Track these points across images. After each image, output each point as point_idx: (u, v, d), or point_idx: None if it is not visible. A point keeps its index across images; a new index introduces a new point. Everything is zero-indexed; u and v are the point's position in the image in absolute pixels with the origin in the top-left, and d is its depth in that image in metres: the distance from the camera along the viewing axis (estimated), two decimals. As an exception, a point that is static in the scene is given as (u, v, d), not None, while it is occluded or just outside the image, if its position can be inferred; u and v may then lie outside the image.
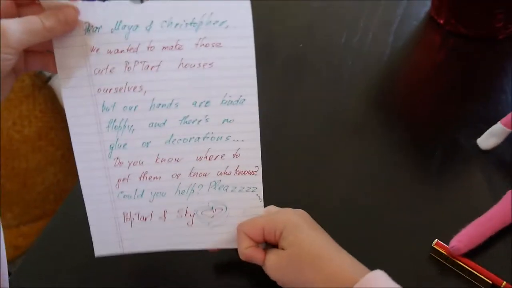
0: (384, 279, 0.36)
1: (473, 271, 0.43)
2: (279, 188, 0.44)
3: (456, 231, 0.45)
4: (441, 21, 0.70)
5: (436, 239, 0.45)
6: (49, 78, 0.92)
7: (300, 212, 0.43)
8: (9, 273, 0.41)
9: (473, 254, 0.44)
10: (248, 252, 0.41)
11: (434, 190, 0.52)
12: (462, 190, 0.52)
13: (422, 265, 0.45)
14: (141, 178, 0.41)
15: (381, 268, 0.36)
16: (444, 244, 0.45)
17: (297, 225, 0.40)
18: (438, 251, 0.45)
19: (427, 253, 0.46)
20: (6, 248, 0.39)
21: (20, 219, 0.95)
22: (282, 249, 0.40)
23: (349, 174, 0.54)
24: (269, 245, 0.42)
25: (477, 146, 0.54)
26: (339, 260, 0.38)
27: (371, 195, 0.52)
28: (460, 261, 0.44)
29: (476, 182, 0.52)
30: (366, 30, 0.71)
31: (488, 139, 0.53)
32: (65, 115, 0.39)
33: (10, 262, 0.40)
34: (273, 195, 0.44)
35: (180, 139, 0.41)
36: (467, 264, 0.43)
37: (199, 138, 0.41)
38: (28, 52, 0.38)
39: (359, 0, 0.76)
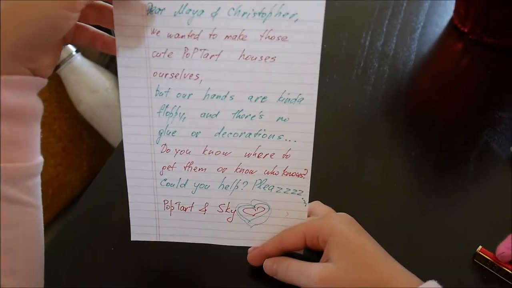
0: None
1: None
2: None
3: (494, 237, 0.44)
4: (465, 30, 0.71)
5: (480, 246, 0.44)
6: (58, 66, 0.87)
7: (345, 217, 0.41)
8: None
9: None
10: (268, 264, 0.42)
11: (471, 196, 0.51)
12: (500, 195, 0.51)
13: (464, 272, 0.44)
14: (186, 168, 0.40)
15: (423, 276, 0.36)
16: (488, 251, 0.44)
17: (343, 234, 0.39)
18: (483, 257, 0.44)
19: (470, 260, 0.45)
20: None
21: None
22: (328, 260, 0.38)
23: (381, 178, 0.53)
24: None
25: (510, 152, 0.54)
26: (390, 269, 0.37)
27: (406, 201, 0.51)
28: (507, 267, 0.43)
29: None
30: (389, 34, 0.71)
31: None
32: (69, 104, 0.38)
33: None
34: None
35: (231, 133, 0.39)
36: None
37: (250, 134, 0.39)
38: (79, 25, 0.37)
39: (381, 0, 0.77)
